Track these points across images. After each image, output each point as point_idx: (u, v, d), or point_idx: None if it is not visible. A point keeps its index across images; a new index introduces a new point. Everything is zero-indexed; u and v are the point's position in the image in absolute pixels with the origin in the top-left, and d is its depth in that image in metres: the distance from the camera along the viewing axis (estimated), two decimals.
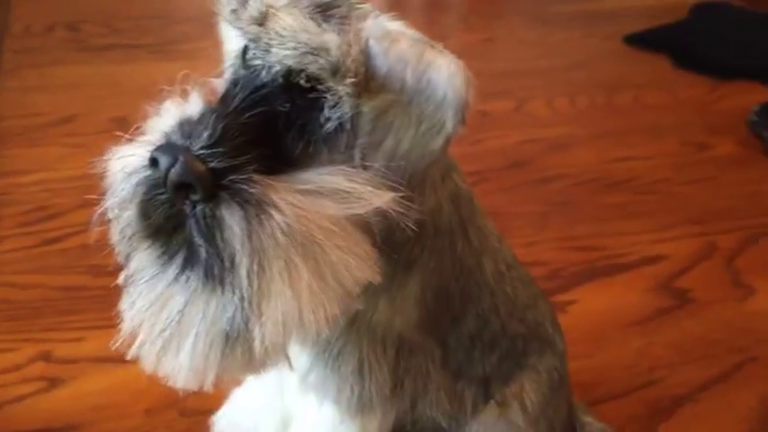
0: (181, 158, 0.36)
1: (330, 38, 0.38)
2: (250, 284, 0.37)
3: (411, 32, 0.41)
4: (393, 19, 0.41)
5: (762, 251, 1.06)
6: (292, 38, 0.38)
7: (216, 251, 0.37)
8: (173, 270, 0.38)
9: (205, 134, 0.37)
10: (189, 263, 0.38)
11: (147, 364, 0.40)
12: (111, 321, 0.83)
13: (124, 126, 1.29)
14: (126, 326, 0.40)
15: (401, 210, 0.38)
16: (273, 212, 0.37)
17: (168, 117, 0.41)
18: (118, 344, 0.40)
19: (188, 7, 1.58)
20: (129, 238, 0.40)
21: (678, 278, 0.99)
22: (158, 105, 0.43)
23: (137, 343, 0.40)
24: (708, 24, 1.73)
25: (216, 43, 1.59)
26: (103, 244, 0.92)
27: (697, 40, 1.65)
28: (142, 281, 0.39)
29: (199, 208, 0.37)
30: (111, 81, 1.25)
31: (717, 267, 1.02)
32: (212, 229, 0.37)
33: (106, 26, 1.41)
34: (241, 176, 0.37)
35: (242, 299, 0.37)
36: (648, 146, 1.28)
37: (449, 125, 0.39)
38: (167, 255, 0.39)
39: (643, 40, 1.61)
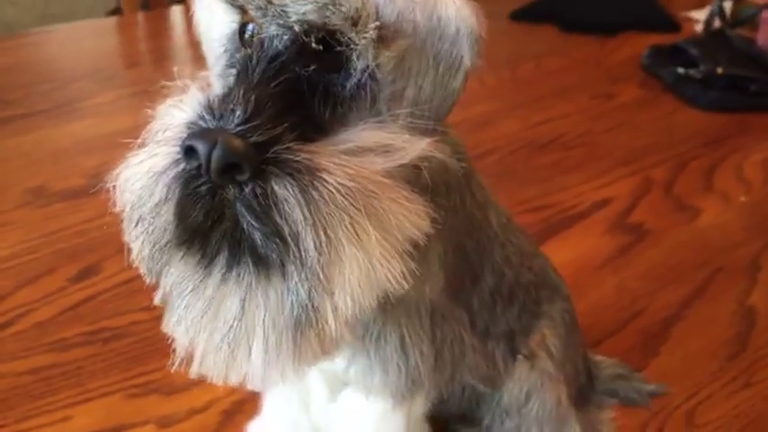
0: (220, 139, 0.34)
1: None
2: (320, 256, 0.35)
3: None
4: None
5: (692, 174, 1.14)
6: None
7: (274, 230, 0.35)
8: (218, 271, 0.36)
9: (238, 110, 0.35)
10: (234, 258, 0.36)
11: (216, 377, 0.37)
12: (95, 391, 0.77)
13: (42, 196, 1.20)
14: (179, 344, 0.37)
15: (440, 154, 0.38)
16: (326, 176, 0.35)
17: (178, 112, 0.39)
18: (175, 366, 0.37)
19: (76, 66, 1.51)
20: (162, 249, 0.37)
21: (629, 215, 1.04)
22: (155, 109, 0.41)
23: (197, 359, 0.37)
24: None
25: (116, 96, 1.51)
26: (62, 318, 0.86)
27: (576, 5, 1.75)
28: (186, 292, 0.37)
29: (248, 188, 0.35)
30: (18, 153, 1.17)
31: (659, 198, 1.08)
32: (267, 208, 0.35)
33: None
34: (283, 147, 0.35)
35: (310, 275, 0.35)
36: (562, 106, 1.34)
37: (466, 60, 0.40)
38: (208, 257, 0.36)
39: (528, 14, 1.69)
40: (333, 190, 0.35)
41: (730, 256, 0.96)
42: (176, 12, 1.78)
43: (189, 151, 0.35)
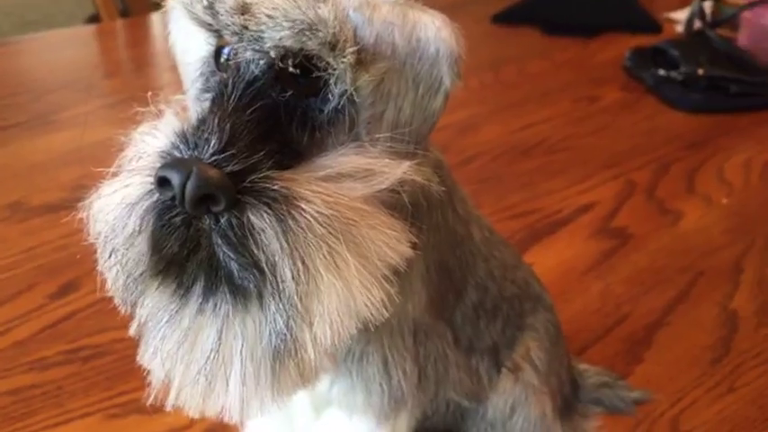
0: (195, 170, 0.33)
1: (324, 11, 0.36)
2: (298, 286, 0.34)
3: None
4: None
5: (675, 177, 1.14)
6: (285, 17, 0.36)
7: (251, 261, 0.34)
8: (194, 301, 0.35)
9: (213, 139, 0.35)
10: (210, 288, 0.35)
11: (193, 409, 0.36)
12: (75, 412, 0.76)
13: (20, 211, 1.18)
14: (155, 376, 0.37)
15: (421, 178, 0.38)
16: (303, 205, 0.35)
17: (152, 139, 0.38)
18: (151, 398, 0.36)
19: (53, 76, 1.49)
20: (136, 280, 0.37)
21: (612, 219, 1.04)
22: (129, 133, 0.40)
23: (173, 391, 0.36)
24: None
25: (94, 107, 1.49)
26: (42, 336, 0.84)
27: (559, 7, 1.75)
28: (162, 323, 0.36)
29: (224, 219, 0.34)
30: None
31: (641, 201, 1.09)
32: (243, 238, 0.34)
33: None
34: (259, 176, 0.35)
35: (288, 306, 0.35)
36: (545, 110, 1.34)
37: (446, 81, 0.39)
38: (183, 287, 0.36)
39: (510, 17, 1.69)
40: (310, 219, 0.35)
41: (713, 260, 0.96)
42: (156, 19, 1.76)
43: (163, 182, 0.34)
